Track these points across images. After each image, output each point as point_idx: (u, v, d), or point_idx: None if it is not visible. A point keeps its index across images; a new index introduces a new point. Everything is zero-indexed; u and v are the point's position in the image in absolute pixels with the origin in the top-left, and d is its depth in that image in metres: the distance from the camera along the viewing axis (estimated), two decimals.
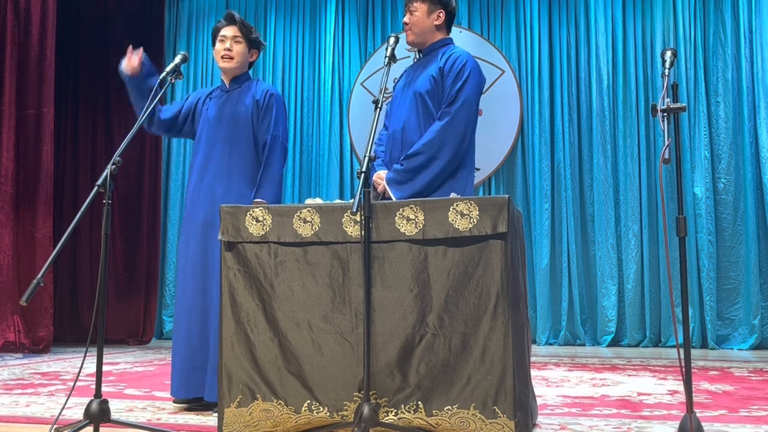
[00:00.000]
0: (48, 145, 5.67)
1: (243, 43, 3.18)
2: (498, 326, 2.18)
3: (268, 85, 3.22)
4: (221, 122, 3.14)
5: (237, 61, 3.18)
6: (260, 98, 3.13)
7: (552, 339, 6.32)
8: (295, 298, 2.35)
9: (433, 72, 2.88)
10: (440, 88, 2.85)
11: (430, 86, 2.86)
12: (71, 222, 2.36)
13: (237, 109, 3.14)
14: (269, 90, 3.17)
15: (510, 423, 2.14)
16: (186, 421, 2.75)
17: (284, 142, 3.13)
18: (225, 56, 3.16)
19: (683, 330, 2.34)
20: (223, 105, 3.17)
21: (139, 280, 6.66)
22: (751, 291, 5.93)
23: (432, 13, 2.96)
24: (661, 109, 2.26)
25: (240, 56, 3.18)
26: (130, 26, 6.88)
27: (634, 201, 6.27)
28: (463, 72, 2.83)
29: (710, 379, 4.00)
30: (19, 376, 4.12)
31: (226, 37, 3.17)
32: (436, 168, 2.76)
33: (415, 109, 2.87)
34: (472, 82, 2.84)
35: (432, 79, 2.87)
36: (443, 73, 2.85)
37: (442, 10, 2.98)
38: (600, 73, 6.47)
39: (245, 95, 3.17)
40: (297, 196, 6.94)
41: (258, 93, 3.15)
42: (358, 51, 7.04)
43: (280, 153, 3.09)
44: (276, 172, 3.07)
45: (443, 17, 2.99)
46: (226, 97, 3.20)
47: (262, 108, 3.12)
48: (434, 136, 2.77)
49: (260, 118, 3.12)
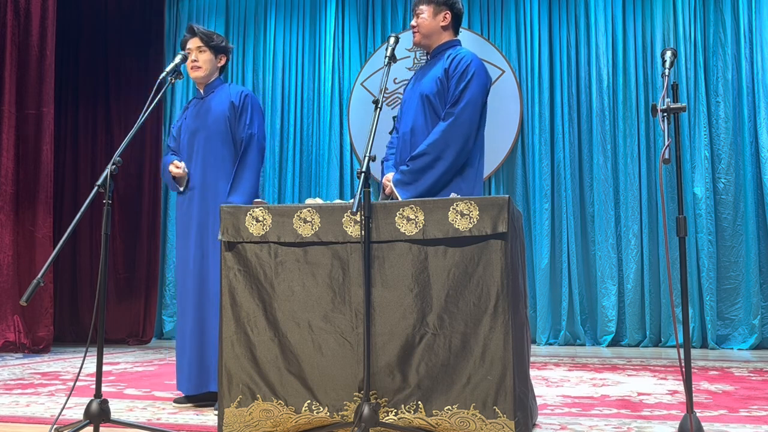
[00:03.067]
0: (48, 145, 5.67)
1: (207, 51, 3.27)
2: (498, 326, 2.18)
3: (242, 87, 3.32)
4: (200, 129, 3.22)
5: (204, 69, 3.27)
6: (235, 99, 3.22)
7: (552, 339, 6.32)
8: (295, 298, 2.35)
9: (438, 73, 2.91)
10: (446, 89, 2.88)
11: (436, 88, 2.89)
12: (71, 222, 2.36)
13: (213, 113, 3.22)
14: (243, 91, 3.26)
15: (510, 423, 2.14)
16: (186, 421, 2.75)
17: (261, 140, 3.21)
18: (193, 67, 3.25)
19: (683, 330, 2.34)
20: (199, 112, 3.26)
21: (139, 280, 6.65)
22: (751, 291, 5.93)
23: (438, 15, 2.99)
24: (661, 109, 2.26)
25: (206, 64, 3.27)
26: (130, 26, 6.89)
27: (634, 201, 6.27)
28: (467, 72, 2.86)
29: (710, 379, 4.00)
30: (19, 376, 4.12)
31: (191, 49, 3.26)
32: (441, 168, 2.78)
33: (422, 110, 2.91)
34: (477, 82, 2.86)
35: (437, 80, 2.90)
36: (448, 74, 2.88)
37: (448, 11, 3.00)
38: (600, 73, 6.47)
39: (220, 99, 3.25)
40: (297, 196, 6.94)
41: (233, 95, 3.24)
42: (358, 51, 7.04)
43: (255, 150, 3.17)
44: (251, 170, 3.13)
45: (449, 18, 3.02)
46: (201, 104, 3.29)
47: (239, 108, 3.21)
48: (438, 137, 2.80)
49: (237, 119, 3.20)
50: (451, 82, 2.86)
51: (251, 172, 3.12)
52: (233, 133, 3.19)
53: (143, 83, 6.55)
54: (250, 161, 3.14)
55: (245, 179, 3.11)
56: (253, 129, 3.18)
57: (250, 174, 3.12)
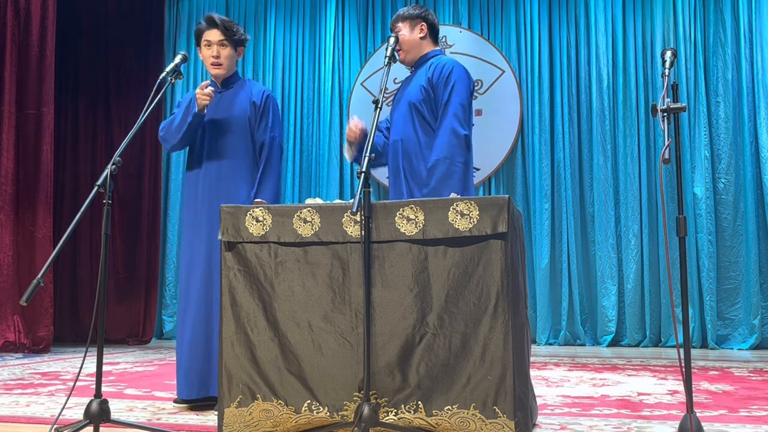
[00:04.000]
0: (48, 145, 5.67)
1: (229, 46, 3.17)
2: (498, 326, 2.18)
3: (263, 87, 3.27)
4: (217, 124, 3.15)
5: (225, 66, 3.19)
6: (257, 100, 3.17)
7: (552, 339, 6.32)
8: (295, 298, 2.35)
9: (422, 81, 3.07)
10: (430, 96, 3.03)
11: (421, 95, 3.05)
12: (71, 222, 2.36)
13: (232, 111, 3.16)
14: (265, 91, 3.21)
15: (510, 423, 2.14)
16: (186, 421, 2.75)
17: (281, 143, 3.22)
18: (214, 63, 3.16)
19: (683, 330, 2.34)
20: (217, 106, 3.18)
21: (139, 280, 6.65)
22: (751, 291, 5.93)
23: (414, 28, 3.18)
24: (661, 109, 2.27)
25: (228, 60, 3.18)
26: (130, 26, 6.89)
27: (634, 201, 6.27)
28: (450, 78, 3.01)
29: (710, 379, 4.00)
30: (19, 376, 4.12)
31: (211, 42, 3.16)
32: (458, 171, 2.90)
33: (411, 119, 3.06)
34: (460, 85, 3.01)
35: (422, 88, 3.06)
36: (432, 82, 3.04)
37: (423, 22, 3.18)
38: (600, 73, 6.47)
39: (240, 96, 3.19)
40: (297, 196, 6.94)
41: (254, 95, 3.19)
42: (358, 51, 7.04)
43: (278, 153, 3.17)
44: (276, 171, 3.13)
45: (426, 28, 3.19)
46: (219, 98, 3.20)
47: (260, 109, 3.16)
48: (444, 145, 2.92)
49: (258, 120, 3.16)
50: (437, 91, 3.02)
51: (275, 173, 3.12)
52: (252, 134, 3.15)
53: (143, 83, 6.55)
54: (275, 164, 3.13)
55: (270, 180, 3.09)
56: (275, 132, 3.16)
57: (274, 175, 3.11)
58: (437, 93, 3.01)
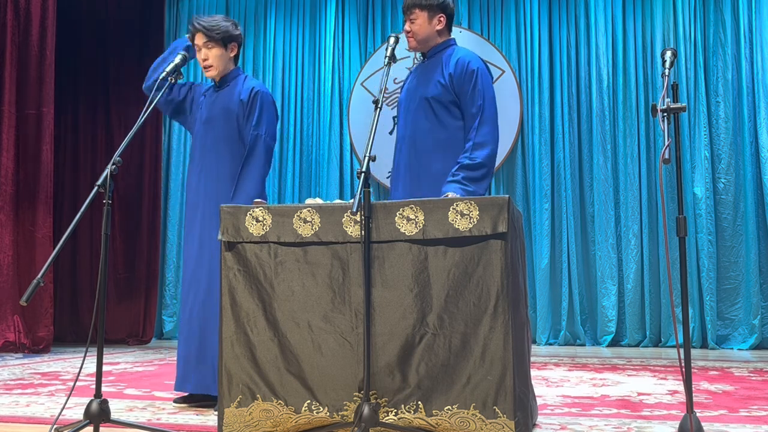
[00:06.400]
0: (48, 145, 5.67)
1: (215, 45, 3.13)
2: (498, 326, 2.18)
3: (256, 83, 3.16)
4: (211, 123, 3.13)
5: (216, 67, 3.15)
6: (245, 97, 3.10)
7: (552, 339, 6.32)
8: (295, 298, 2.35)
9: (440, 77, 2.90)
10: (449, 92, 2.88)
11: (438, 91, 2.89)
12: (71, 222, 2.36)
13: (225, 108, 3.12)
14: (255, 87, 3.12)
15: (510, 423, 2.14)
16: (186, 421, 2.75)
17: (268, 141, 3.06)
18: (205, 66, 3.16)
19: (683, 330, 2.34)
20: (212, 105, 3.16)
21: (139, 280, 6.65)
22: (751, 291, 5.93)
23: (433, 19, 2.96)
24: (661, 109, 2.26)
25: (217, 60, 3.14)
26: (130, 26, 6.88)
27: (634, 201, 6.27)
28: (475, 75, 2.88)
29: (710, 379, 4.00)
30: (19, 376, 4.12)
31: (199, 45, 3.15)
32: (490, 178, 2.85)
33: (424, 113, 2.90)
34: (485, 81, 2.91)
35: (439, 84, 2.89)
36: (453, 79, 2.88)
37: (442, 14, 2.97)
38: (600, 73, 6.47)
39: (233, 94, 3.14)
40: (297, 196, 6.94)
41: (243, 92, 3.11)
42: (358, 51, 7.04)
43: (262, 152, 3.03)
44: (256, 169, 3.00)
45: (444, 21, 2.99)
46: (216, 96, 3.18)
47: (247, 106, 3.08)
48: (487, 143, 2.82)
49: (246, 117, 3.09)
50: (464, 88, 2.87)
51: (253, 174, 2.99)
52: (241, 131, 3.08)
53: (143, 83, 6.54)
54: (254, 164, 3.00)
55: (246, 182, 2.98)
56: (260, 129, 3.04)
57: (251, 177, 2.98)
58: (460, 93, 2.87)
